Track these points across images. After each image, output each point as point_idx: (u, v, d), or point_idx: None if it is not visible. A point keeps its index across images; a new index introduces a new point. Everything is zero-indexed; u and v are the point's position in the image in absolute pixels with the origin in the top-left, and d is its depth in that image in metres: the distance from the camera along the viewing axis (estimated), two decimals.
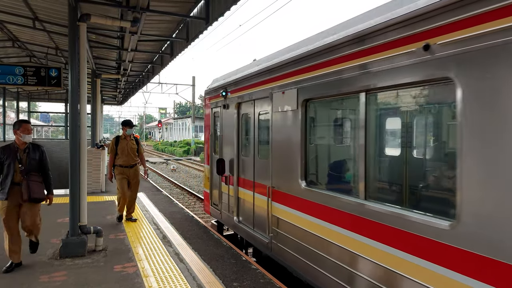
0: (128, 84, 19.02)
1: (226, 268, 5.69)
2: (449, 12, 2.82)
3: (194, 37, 8.42)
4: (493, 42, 2.52)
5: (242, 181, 6.80)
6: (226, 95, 7.16)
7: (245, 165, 6.73)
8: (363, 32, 3.67)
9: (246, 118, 6.77)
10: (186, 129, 60.65)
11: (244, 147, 6.89)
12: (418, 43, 3.07)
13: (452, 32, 2.81)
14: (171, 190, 17.38)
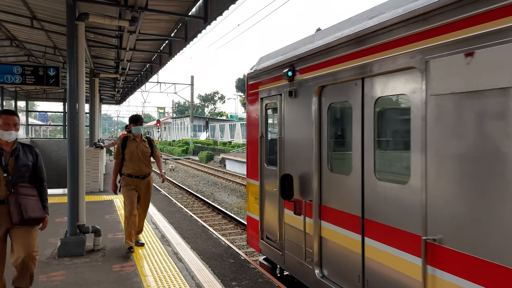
0: (126, 83, 18.99)
1: (224, 268, 5.69)
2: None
3: (192, 37, 8.41)
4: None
5: (331, 213, 4.16)
6: (294, 75, 4.64)
7: (340, 188, 4.06)
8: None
9: (341, 109, 4.27)
10: (185, 129, 60.59)
11: (335, 157, 4.36)
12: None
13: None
14: (169, 190, 17.38)
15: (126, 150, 5.97)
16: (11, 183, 3.69)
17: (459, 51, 2.70)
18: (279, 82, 5.09)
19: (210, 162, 33.12)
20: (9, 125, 3.72)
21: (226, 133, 48.96)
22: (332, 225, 4.14)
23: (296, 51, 4.70)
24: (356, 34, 3.67)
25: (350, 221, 3.85)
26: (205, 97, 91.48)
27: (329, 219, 4.18)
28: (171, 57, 10.80)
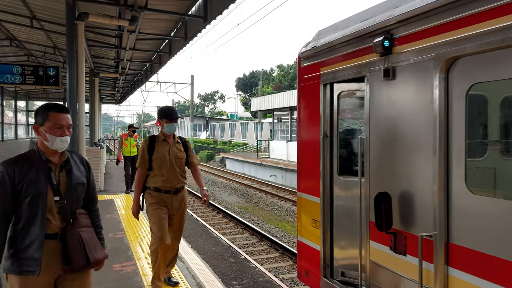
0: (126, 83, 18.99)
1: (225, 267, 5.70)
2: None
3: (192, 36, 8.42)
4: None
5: (474, 258, 2.51)
6: (392, 46, 3.06)
7: (492, 219, 2.44)
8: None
9: (495, 93, 2.87)
10: (185, 128, 60.61)
11: (483, 170, 3.03)
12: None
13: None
14: None
15: (155, 155, 4.33)
16: (67, 210, 2.46)
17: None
18: (361, 59, 3.42)
19: (210, 161, 33.14)
20: (62, 129, 2.42)
21: (226, 133, 48.97)
22: (477, 279, 2.48)
23: (395, 10, 3.13)
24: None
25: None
26: (205, 96, 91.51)
27: (468, 267, 2.52)
28: (171, 56, 10.81)
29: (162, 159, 4.33)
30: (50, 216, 2.39)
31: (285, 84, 52.70)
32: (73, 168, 2.55)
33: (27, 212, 2.34)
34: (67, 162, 2.54)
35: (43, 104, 2.46)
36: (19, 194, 2.31)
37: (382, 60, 3.14)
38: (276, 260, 7.94)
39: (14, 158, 2.43)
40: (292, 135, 23.05)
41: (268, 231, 10.32)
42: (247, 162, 25.08)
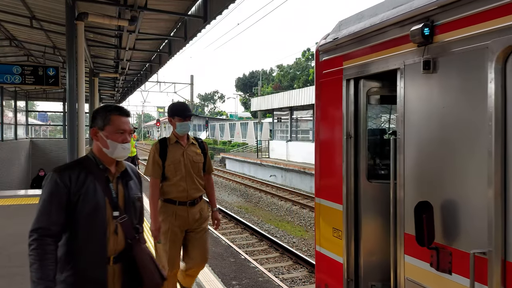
0: (126, 83, 19.00)
1: (225, 267, 5.70)
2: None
3: (192, 36, 8.42)
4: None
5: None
6: (433, 35, 2.65)
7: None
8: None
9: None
10: None
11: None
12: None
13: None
14: None
15: (167, 161, 3.59)
16: (130, 226, 2.14)
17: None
18: (393, 51, 3.02)
19: None
20: (124, 134, 2.12)
21: (226, 133, 48.99)
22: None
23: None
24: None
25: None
26: (204, 96, 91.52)
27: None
28: (170, 56, 10.82)
29: (176, 164, 3.60)
30: (110, 235, 2.04)
31: (284, 84, 52.73)
32: (130, 181, 2.21)
33: (85, 228, 1.98)
34: (125, 173, 2.19)
35: (103, 106, 2.15)
36: (74, 206, 1.96)
37: (421, 51, 2.74)
38: (276, 260, 7.95)
39: (69, 165, 2.10)
40: (291, 135, 23.05)
41: (268, 231, 10.32)
42: (247, 162, 25.09)
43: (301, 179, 18.68)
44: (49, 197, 1.95)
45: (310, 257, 7.86)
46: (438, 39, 2.64)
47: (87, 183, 2.01)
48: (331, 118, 3.97)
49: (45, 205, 1.95)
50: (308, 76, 48.17)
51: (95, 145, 2.12)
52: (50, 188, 1.96)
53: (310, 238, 9.84)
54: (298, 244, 9.21)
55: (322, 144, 4.13)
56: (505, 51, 2.24)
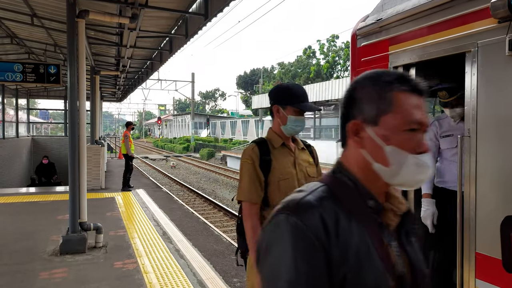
0: (127, 80, 18.99)
1: (226, 264, 5.70)
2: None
3: (193, 33, 8.40)
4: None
5: None
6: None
7: None
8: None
9: None
10: (186, 126, 60.61)
11: None
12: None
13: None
14: (170, 187, 17.40)
15: (273, 175, 2.30)
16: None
17: None
18: (463, 29, 2.47)
19: (211, 159, 33.15)
20: (421, 134, 0.97)
21: (227, 130, 48.98)
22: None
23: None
24: None
25: None
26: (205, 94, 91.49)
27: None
28: (171, 54, 10.79)
29: (287, 180, 2.31)
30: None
31: (286, 82, 52.64)
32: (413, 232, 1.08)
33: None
34: (408, 216, 1.06)
35: (371, 73, 1.03)
36: None
37: (503, 28, 2.20)
38: None
39: (316, 198, 0.94)
40: None
41: None
42: None
43: None
44: (297, 272, 0.85)
45: None
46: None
47: (354, 239, 0.91)
48: None
49: None
50: (309, 73, 48.07)
51: (353, 155, 1.02)
52: (293, 249, 0.86)
53: None
54: None
55: None
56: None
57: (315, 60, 50.49)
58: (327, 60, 46.51)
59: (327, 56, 46.67)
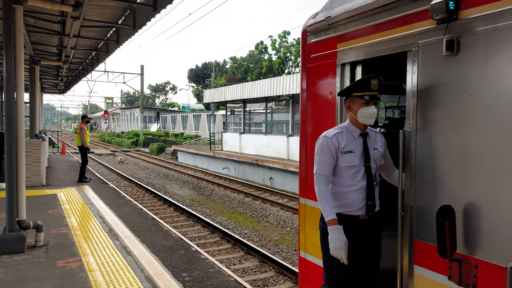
0: (70, 71, 18.06)
1: (175, 259, 5.68)
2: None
3: (141, 24, 8.18)
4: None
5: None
6: (458, 10, 2.25)
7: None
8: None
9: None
10: (135, 120, 58.78)
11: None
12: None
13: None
14: (118, 183, 16.87)
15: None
16: None
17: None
18: (405, 29, 2.58)
19: (161, 154, 32.47)
20: None
21: (178, 125, 48.18)
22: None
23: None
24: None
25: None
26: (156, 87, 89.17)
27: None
28: (118, 45, 10.44)
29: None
30: None
31: (238, 76, 52.71)
32: None
33: None
34: None
35: None
36: None
37: (441, 29, 2.32)
38: (228, 251, 8.03)
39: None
40: (245, 127, 23.17)
41: (220, 223, 10.37)
42: (199, 155, 24.90)
43: (254, 171, 18.89)
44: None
45: (261, 247, 8.02)
46: (464, 15, 2.23)
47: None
48: (321, 109, 3.46)
49: None
50: (261, 69, 48.47)
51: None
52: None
53: (261, 229, 10.02)
54: (250, 235, 9.36)
55: (309, 139, 3.58)
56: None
57: (267, 56, 51.01)
58: (279, 55, 47.18)
59: (279, 52, 47.33)
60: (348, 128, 2.82)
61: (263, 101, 21.46)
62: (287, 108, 20.61)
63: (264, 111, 21.90)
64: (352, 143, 2.78)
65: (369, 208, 2.76)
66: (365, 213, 2.75)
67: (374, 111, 2.75)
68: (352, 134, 2.80)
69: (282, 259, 7.31)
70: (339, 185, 2.80)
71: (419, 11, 2.44)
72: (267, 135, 20.87)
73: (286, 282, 6.36)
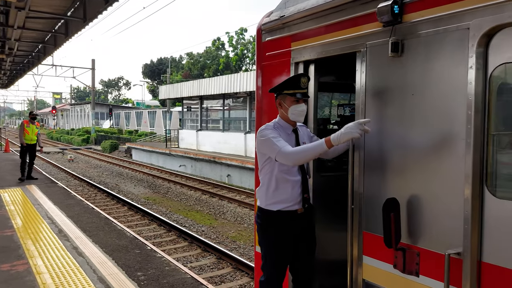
0: (15, 65, 17.00)
1: (129, 259, 5.56)
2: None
3: (92, 17, 7.89)
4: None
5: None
6: (402, 14, 2.37)
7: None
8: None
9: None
10: (86, 116, 56.37)
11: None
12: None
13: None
14: (68, 182, 16.14)
15: None
16: None
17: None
18: (354, 31, 2.70)
19: (114, 152, 31.40)
20: None
21: (132, 121, 46.82)
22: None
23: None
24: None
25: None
26: (108, 82, 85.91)
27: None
28: (67, 38, 9.99)
29: None
30: None
31: (194, 73, 52.08)
32: None
33: None
34: None
35: None
36: None
37: (387, 32, 2.45)
38: (185, 249, 7.97)
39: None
40: (202, 124, 22.97)
41: (177, 221, 10.25)
42: (155, 152, 24.37)
43: (211, 168, 18.80)
44: None
45: (218, 244, 8.03)
46: (408, 18, 2.36)
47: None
48: (275, 107, 3.37)
49: None
50: (218, 65, 48.19)
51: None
52: None
53: (219, 226, 10.02)
54: (207, 232, 9.34)
55: None
56: (488, 32, 1.98)
57: (224, 52, 50.78)
58: (236, 52, 47.13)
59: (236, 49, 47.29)
60: (280, 125, 2.89)
61: (221, 98, 21.38)
62: (244, 105, 20.66)
63: (222, 108, 21.84)
64: (286, 139, 2.82)
65: (305, 201, 2.87)
66: (302, 206, 2.86)
67: (304, 109, 2.84)
68: (285, 130, 2.87)
69: (239, 255, 7.37)
70: (277, 181, 2.84)
71: (367, 13, 2.54)
72: (225, 132, 20.83)
73: (243, 278, 6.42)
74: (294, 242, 2.87)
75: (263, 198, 2.90)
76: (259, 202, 2.95)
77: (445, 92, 2.16)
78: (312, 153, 2.68)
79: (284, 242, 2.85)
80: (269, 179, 2.85)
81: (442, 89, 2.18)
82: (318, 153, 2.67)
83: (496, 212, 1.98)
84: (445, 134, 2.17)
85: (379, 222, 2.40)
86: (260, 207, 2.93)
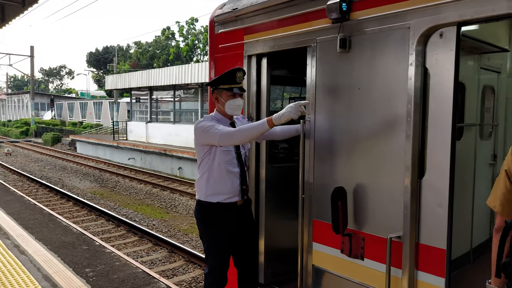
0: None
1: (77, 255, 5.36)
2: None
3: (32, 2, 7.38)
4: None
5: None
6: (350, 11, 2.47)
7: None
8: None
9: None
10: (24, 107, 52.70)
11: None
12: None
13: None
14: (5, 177, 15.11)
15: None
16: None
17: None
18: (305, 26, 2.75)
19: (57, 144, 29.73)
20: None
21: (76, 113, 44.51)
22: None
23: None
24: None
25: None
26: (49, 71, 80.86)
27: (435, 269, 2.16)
28: (4, 23, 9.26)
29: None
30: None
31: (143, 63, 50.43)
32: None
33: None
34: None
35: None
36: None
37: (336, 28, 2.53)
38: (135, 244, 7.80)
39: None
40: (151, 116, 22.37)
41: (126, 215, 9.98)
42: (101, 145, 23.40)
43: (162, 161, 18.43)
44: None
45: (170, 238, 7.95)
46: (355, 16, 2.46)
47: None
48: None
49: None
50: (168, 55, 47.01)
51: None
52: None
53: (170, 219, 9.90)
54: (158, 226, 9.19)
55: None
56: (427, 32, 2.13)
57: (175, 42, 49.62)
58: (187, 43, 46.22)
59: (187, 39, 46.36)
60: (217, 118, 2.91)
61: (171, 89, 20.94)
62: (196, 97, 20.40)
63: (172, 99, 21.40)
64: None
65: (244, 193, 2.95)
66: (241, 198, 2.93)
67: (240, 104, 2.89)
68: (223, 123, 2.87)
69: (192, 248, 7.35)
70: (216, 173, 2.86)
71: (317, 10, 2.62)
72: (176, 124, 20.47)
73: (195, 270, 6.43)
74: (235, 234, 2.94)
75: (203, 190, 2.91)
76: (198, 195, 2.96)
77: (389, 87, 2.30)
78: (255, 130, 2.69)
79: (224, 233, 2.91)
80: (208, 170, 2.87)
81: (386, 84, 2.31)
82: (260, 131, 2.68)
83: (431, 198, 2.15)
84: (388, 126, 2.31)
85: (327, 210, 2.51)
86: (199, 200, 2.94)
